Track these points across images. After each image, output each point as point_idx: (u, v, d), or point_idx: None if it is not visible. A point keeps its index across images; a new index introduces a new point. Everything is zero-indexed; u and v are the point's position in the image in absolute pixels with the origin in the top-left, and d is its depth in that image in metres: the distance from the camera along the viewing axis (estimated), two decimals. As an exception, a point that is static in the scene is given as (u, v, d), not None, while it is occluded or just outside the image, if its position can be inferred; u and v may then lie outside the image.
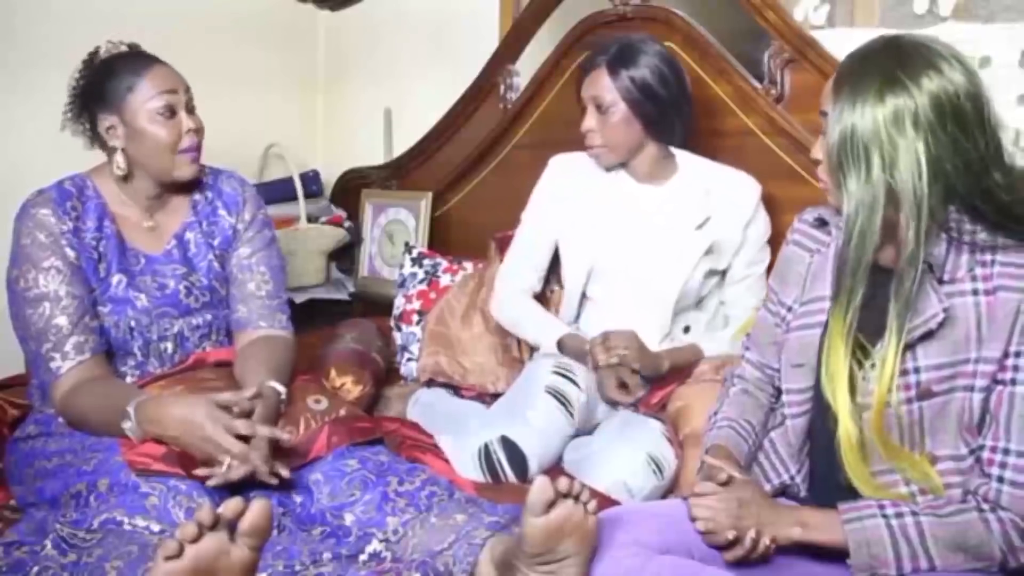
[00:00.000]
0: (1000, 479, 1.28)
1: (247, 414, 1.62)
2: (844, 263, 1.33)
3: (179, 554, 1.16)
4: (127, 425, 1.61)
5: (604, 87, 2.03)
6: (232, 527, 1.21)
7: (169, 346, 1.84)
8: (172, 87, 1.80)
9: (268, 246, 1.96)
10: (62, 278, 1.74)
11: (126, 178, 1.84)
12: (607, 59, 2.04)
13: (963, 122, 1.27)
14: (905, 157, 1.26)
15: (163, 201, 1.89)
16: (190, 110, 1.83)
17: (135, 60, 1.82)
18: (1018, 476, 1.27)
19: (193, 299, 1.86)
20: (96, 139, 1.85)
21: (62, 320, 1.72)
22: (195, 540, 1.17)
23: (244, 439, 1.58)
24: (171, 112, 1.80)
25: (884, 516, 1.30)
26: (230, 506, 1.21)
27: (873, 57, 1.32)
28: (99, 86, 1.81)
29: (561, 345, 2.04)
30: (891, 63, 1.29)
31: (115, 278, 1.80)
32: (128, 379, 1.81)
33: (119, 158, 1.81)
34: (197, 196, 1.92)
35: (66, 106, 1.87)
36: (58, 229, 1.76)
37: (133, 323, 1.80)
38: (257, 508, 1.22)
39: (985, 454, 1.30)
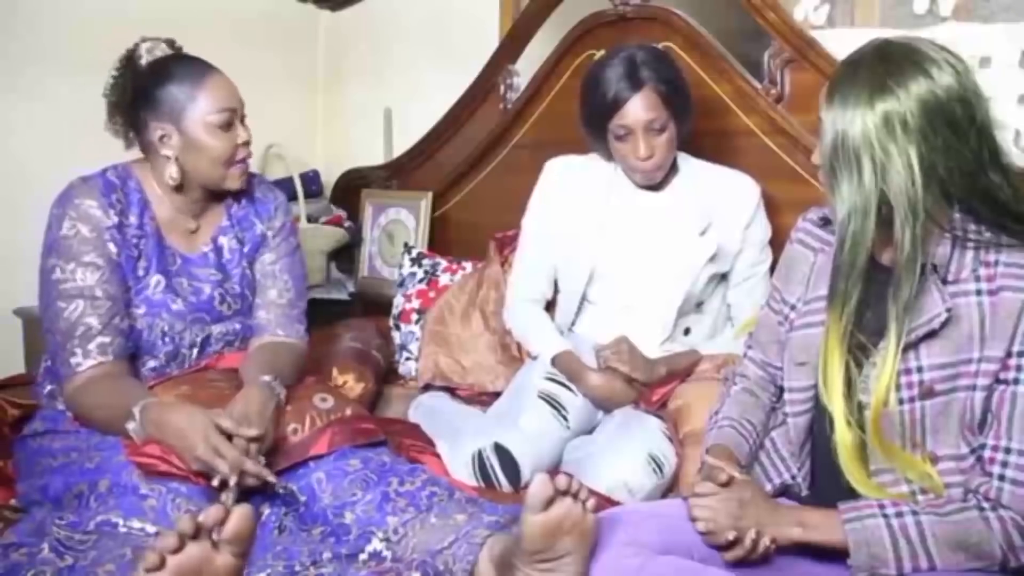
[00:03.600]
0: (1001, 477, 1.28)
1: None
2: (838, 267, 1.33)
3: (160, 565, 1.15)
4: (131, 426, 1.60)
5: (656, 108, 1.95)
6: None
7: (195, 352, 1.83)
8: (233, 105, 1.78)
9: (292, 254, 1.97)
10: (100, 275, 1.72)
11: (177, 187, 1.81)
12: (653, 80, 1.95)
13: (954, 124, 1.28)
14: (897, 162, 1.27)
15: (205, 206, 1.88)
16: (242, 119, 1.82)
17: (190, 67, 1.78)
18: (1019, 475, 1.27)
19: (226, 306, 1.86)
20: (140, 142, 1.82)
21: (92, 319, 1.70)
22: (176, 550, 1.16)
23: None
24: (228, 125, 1.78)
25: (884, 516, 1.30)
26: (211, 514, 1.19)
27: (863, 63, 1.33)
28: (151, 93, 1.76)
29: (555, 362, 2.04)
30: (880, 69, 1.30)
31: (153, 279, 1.79)
32: (144, 379, 1.79)
33: (172, 169, 1.78)
34: (231, 201, 1.91)
35: (107, 108, 1.83)
36: (103, 224, 1.73)
37: (166, 327, 1.78)
38: (239, 515, 1.20)
39: (986, 453, 1.30)
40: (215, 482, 1.54)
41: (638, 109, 1.95)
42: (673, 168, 2.10)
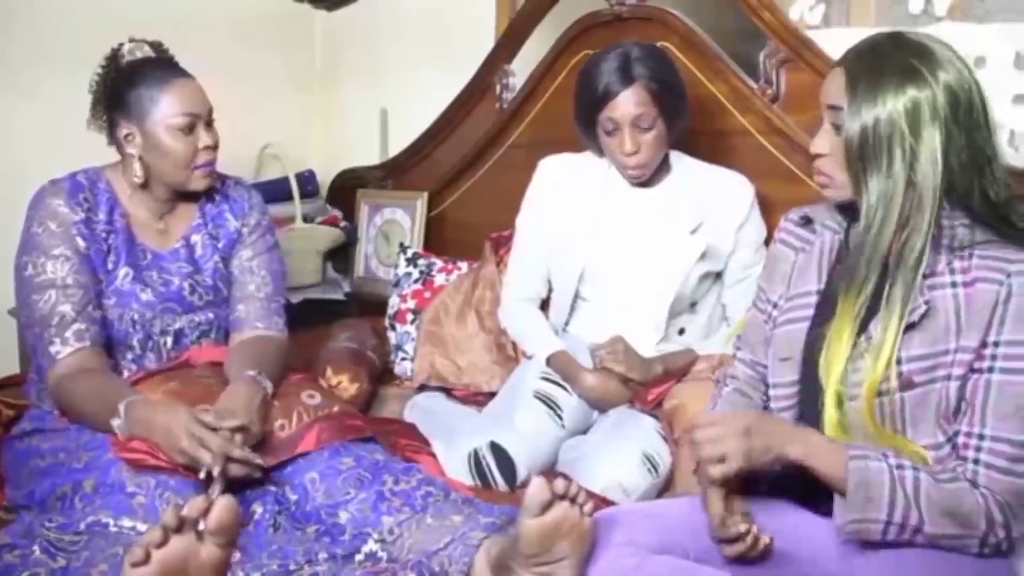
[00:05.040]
0: (976, 461, 1.30)
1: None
2: (860, 252, 1.35)
3: (146, 560, 1.15)
4: (116, 423, 1.62)
5: (645, 104, 1.95)
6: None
7: (168, 341, 1.86)
8: (195, 110, 1.81)
9: (270, 251, 2.00)
10: (70, 266, 1.76)
11: (142, 185, 1.86)
12: (645, 77, 1.95)
13: (974, 115, 1.31)
14: (925, 148, 1.29)
15: (174, 205, 1.92)
16: (208, 123, 1.85)
17: (159, 71, 1.83)
18: (993, 459, 1.29)
19: (197, 297, 1.88)
20: (113, 140, 1.87)
21: (66, 307, 1.74)
22: (161, 544, 1.16)
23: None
24: (190, 129, 1.81)
25: (888, 464, 1.29)
26: (194, 506, 1.20)
27: (886, 50, 1.34)
28: (121, 93, 1.82)
29: (550, 362, 2.04)
30: (906, 55, 1.32)
31: (122, 271, 1.83)
32: (124, 373, 1.83)
33: (136, 167, 1.83)
34: (205, 200, 1.95)
35: (91, 105, 1.89)
36: (70, 219, 1.78)
37: (136, 316, 1.82)
38: (222, 505, 1.21)
39: (960, 439, 1.32)
40: (201, 475, 1.55)
41: (627, 103, 1.95)
42: (667, 167, 2.10)
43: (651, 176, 2.08)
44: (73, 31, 2.57)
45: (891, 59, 1.32)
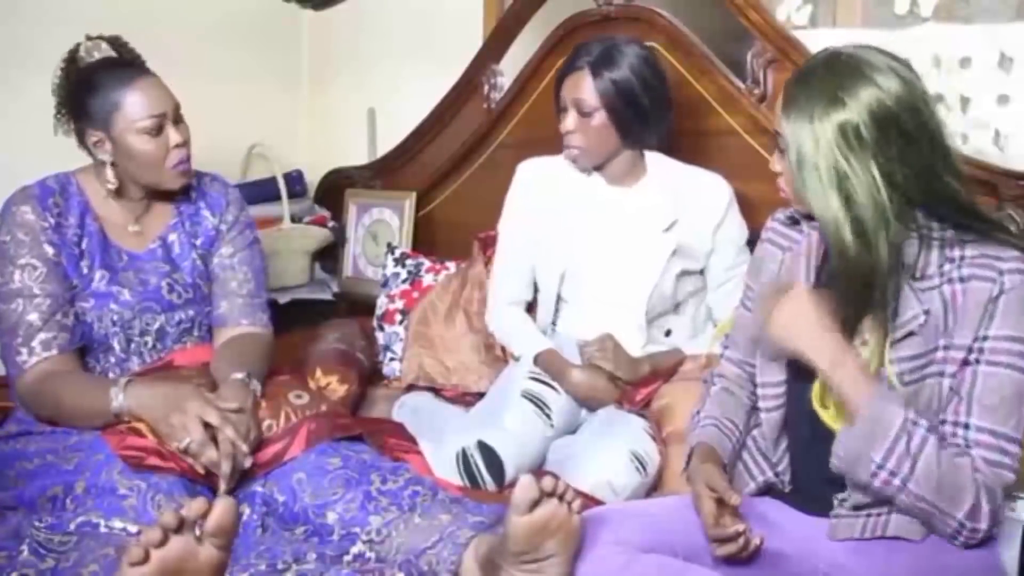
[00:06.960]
0: (967, 445, 1.31)
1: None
2: (840, 279, 1.36)
3: (145, 560, 1.15)
4: (116, 402, 1.63)
5: (586, 91, 2.00)
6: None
7: (150, 340, 1.85)
8: (161, 110, 1.80)
9: (250, 247, 1.99)
10: (38, 275, 1.75)
11: (117, 191, 1.85)
12: (590, 62, 2.00)
13: (906, 134, 1.31)
14: (859, 173, 1.30)
15: (149, 206, 1.91)
16: (177, 121, 1.84)
17: (117, 73, 1.81)
18: (982, 451, 1.30)
19: (176, 295, 1.87)
20: (84, 146, 1.86)
21: (33, 316, 1.73)
22: (160, 544, 1.16)
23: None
24: (158, 129, 1.80)
25: (906, 415, 1.29)
26: (194, 507, 1.20)
27: (817, 75, 1.35)
28: (83, 102, 1.80)
29: (537, 360, 2.04)
30: (834, 80, 1.33)
31: (97, 274, 1.82)
32: (109, 376, 1.82)
33: (108, 173, 1.83)
34: (181, 198, 1.94)
35: (55, 109, 1.87)
36: (38, 226, 1.77)
37: (116, 317, 1.81)
38: (221, 507, 1.21)
39: (947, 427, 1.33)
40: (199, 468, 1.57)
41: (573, 83, 2.02)
42: (643, 168, 2.11)
43: (629, 177, 2.10)
44: (59, 30, 2.53)
45: (819, 85, 1.34)
